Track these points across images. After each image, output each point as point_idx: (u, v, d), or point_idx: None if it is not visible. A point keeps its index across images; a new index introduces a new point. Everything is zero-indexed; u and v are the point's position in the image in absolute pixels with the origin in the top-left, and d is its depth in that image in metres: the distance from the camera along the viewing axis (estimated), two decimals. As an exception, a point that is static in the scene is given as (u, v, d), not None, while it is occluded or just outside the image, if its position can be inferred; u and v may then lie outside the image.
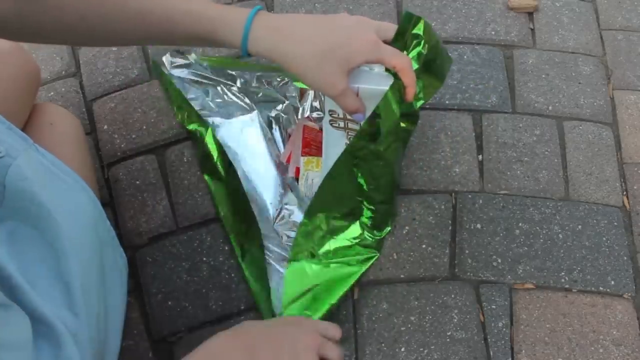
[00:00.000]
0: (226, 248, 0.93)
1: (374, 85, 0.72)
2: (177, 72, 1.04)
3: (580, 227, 0.95)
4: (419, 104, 0.79)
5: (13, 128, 0.64)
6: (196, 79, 1.03)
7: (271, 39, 0.68)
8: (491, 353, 0.86)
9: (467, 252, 0.93)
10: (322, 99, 0.98)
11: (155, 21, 0.69)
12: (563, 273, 0.92)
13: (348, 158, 0.78)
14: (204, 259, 0.93)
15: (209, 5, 0.69)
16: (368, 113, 0.73)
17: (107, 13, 0.68)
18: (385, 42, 0.71)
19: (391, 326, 0.88)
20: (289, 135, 1.00)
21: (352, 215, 0.89)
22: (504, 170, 1.01)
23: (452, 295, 0.90)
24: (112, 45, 1.05)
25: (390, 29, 0.72)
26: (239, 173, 0.91)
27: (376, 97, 0.71)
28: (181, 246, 0.94)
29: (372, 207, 0.86)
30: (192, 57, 1.05)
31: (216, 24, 0.68)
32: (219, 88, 1.02)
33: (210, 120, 1.00)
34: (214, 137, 0.95)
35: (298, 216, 0.91)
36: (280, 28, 0.68)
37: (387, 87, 0.71)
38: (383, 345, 0.86)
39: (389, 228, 0.92)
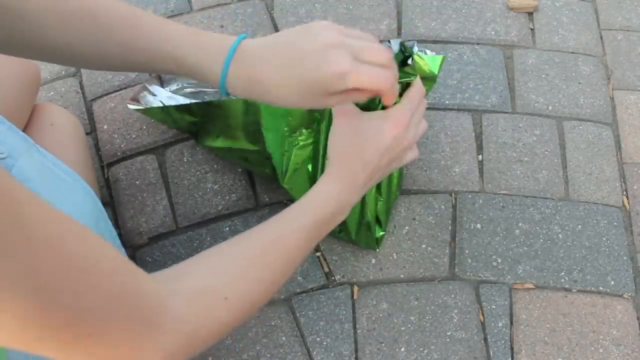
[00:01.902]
0: (226, 248, 0.94)
1: None
2: (172, 87, 1.02)
3: (580, 227, 0.95)
4: None
5: (14, 129, 0.65)
6: (194, 89, 1.01)
7: (249, 89, 0.66)
8: (491, 353, 0.86)
9: (467, 252, 0.93)
10: None
11: (138, 57, 0.68)
12: (563, 273, 0.92)
13: None
14: (204, 259, 0.93)
15: (189, 48, 0.67)
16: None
17: (90, 44, 0.67)
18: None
19: (391, 326, 0.88)
20: None
21: None
22: (504, 170, 1.01)
23: (452, 295, 0.90)
24: (98, 70, 1.04)
25: (369, 51, 0.65)
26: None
27: None
28: (181, 246, 0.94)
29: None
30: None
31: (195, 71, 0.67)
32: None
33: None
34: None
35: None
36: (256, 76, 0.65)
37: None
38: (383, 345, 0.86)
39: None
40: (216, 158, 1.01)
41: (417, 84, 0.75)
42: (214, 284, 0.53)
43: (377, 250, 0.93)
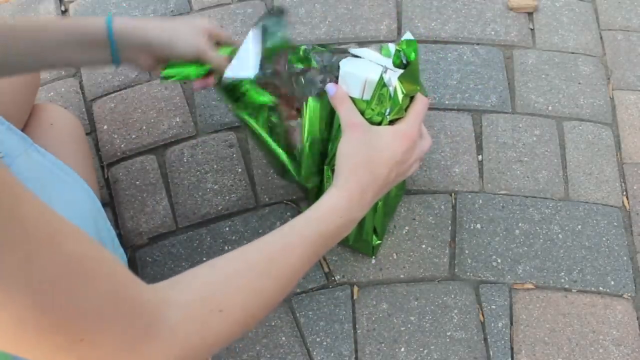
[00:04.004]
0: (226, 248, 0.94)
1: (357, 71, 0.73)
2: None
3: (580, 227, 0.95)
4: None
5: (12, 128, 0.65)
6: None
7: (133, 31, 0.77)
8: (491, 353, 0.86)
9: (467, 252, 0.93)
10: None
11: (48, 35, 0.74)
12: (563, 273, 0.92)
13: None
14: (204, 259, 0.93)
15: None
16: (355, 94, 0.74)
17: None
18: None
19: (391, 326, 0.88)
20: None
21: None
22: (504, 170, 1.01)
23: (452, 295, 0.90)
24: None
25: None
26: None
27: (356, 83, 0.72)
28: (181, 246, 0.94)
29: None
30: None
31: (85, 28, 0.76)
32: None
33: None
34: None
35: None
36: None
37: (367, 76, 0.71)
38: (383, 345, 0.86)
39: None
40: (216, 158, 1.01)
41: (421, 97, 0.74)
42: (211, 295, 0.52)
43: (374, 256, 0.93)
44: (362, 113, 0.72)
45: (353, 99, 0.73)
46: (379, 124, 0.73)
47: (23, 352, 0.39)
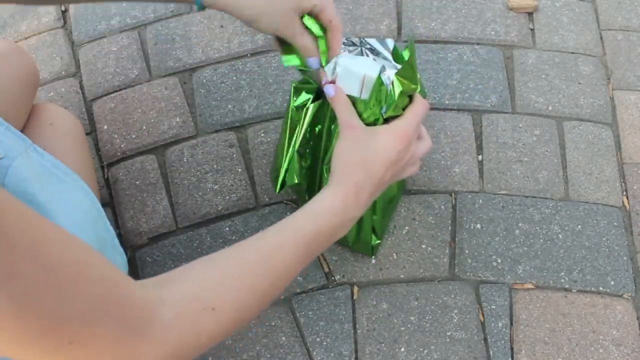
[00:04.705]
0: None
1: (355, 68, 0.73)
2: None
3: (580, 227, 0.95)
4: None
5: (11, 129, 0.65)
6: None
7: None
8: (491, 353, 0.86)
9: (467, 252, 0.93)
10: None
11: None
12: (563, 273, 0.92)
13: None
14: (204, 259, 0.93)
15: None
16: (353, 91, 0.73)
17: None
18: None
19: (391, 326, 0.88)
20: None
21: None
22: (504, 170, 1.01)
23: (452, 295, 0.90)
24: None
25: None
26: None
27: (354, 79, 0.72)
28: (181, 246, 0.94)
29: None
30: None
31: None
32: None
33: None
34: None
35: None
36: None
37: (365, 72, 0.71)
38: (383, 345, 0.86)
39: None
40: (216, 158, 1.02)
41: (420, 98, 0.74)
42: (203, 293, 0.52)
43: (374, 256, 0.93)
44: (361, 113, 0.72)
45: (352, 99, 0.73)
46: (375, 121, 0.73)
47: (9, 355, 0.39)
